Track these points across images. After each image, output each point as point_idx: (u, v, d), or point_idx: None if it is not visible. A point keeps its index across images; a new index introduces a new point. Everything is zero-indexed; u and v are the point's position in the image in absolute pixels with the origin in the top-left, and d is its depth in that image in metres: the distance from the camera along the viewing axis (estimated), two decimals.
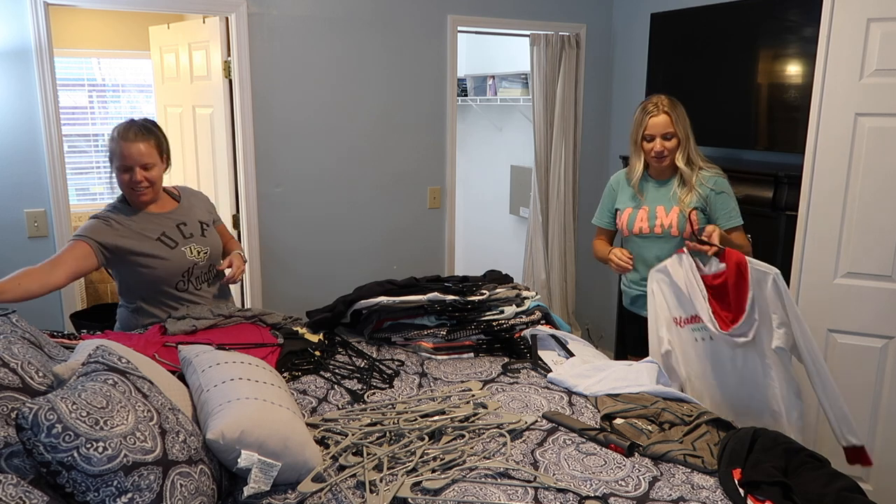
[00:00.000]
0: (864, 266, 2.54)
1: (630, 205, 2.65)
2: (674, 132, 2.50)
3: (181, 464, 1.42)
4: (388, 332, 2.54)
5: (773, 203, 2.93)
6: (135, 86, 5.68)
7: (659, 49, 3.74)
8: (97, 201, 5.82)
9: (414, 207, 3.95)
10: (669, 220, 2.54)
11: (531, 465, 1.70)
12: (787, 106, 3.12)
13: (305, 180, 3.64)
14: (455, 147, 3.98)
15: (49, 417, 1.30)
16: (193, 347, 2.00)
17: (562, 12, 4.13)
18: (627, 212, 2.64)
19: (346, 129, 3.69)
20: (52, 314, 3.19)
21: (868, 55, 2.43)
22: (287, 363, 2.26)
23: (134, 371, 1.57)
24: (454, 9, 3.81)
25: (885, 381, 2.55)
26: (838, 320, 2.61)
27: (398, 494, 1.53)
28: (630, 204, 2.65)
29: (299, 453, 1.60)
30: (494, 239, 5.42)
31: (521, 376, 2.25)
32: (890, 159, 2.44)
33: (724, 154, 3.70)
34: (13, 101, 3.00)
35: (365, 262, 3.83)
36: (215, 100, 3.53)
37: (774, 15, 3.12)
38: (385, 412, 1.92)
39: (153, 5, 3.32)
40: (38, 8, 2.95)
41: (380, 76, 3.71)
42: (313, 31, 3.52)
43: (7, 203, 3.06)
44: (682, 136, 2.52)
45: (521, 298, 2.60)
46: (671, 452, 1.71)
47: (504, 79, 4.86)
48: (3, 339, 1.68)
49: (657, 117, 2.50)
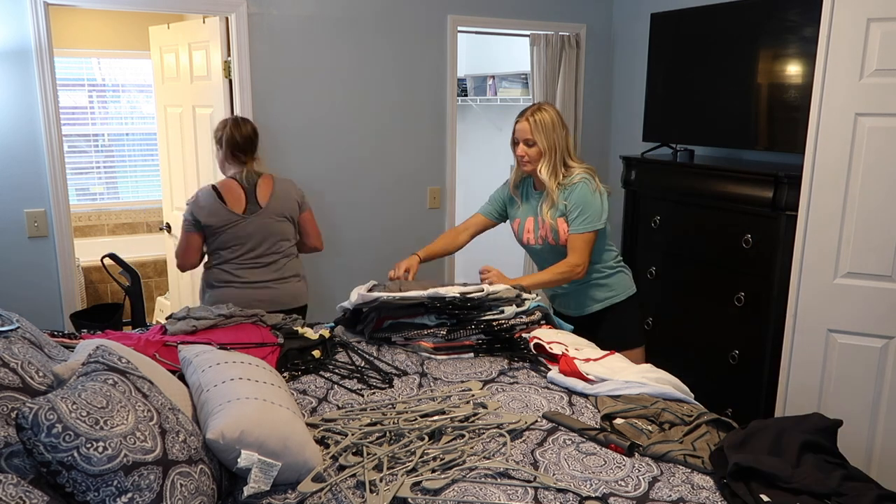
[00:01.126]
0: (864, 266, 2.54)
1: (518, 215, 2.75)
2: (533, 140, 2.53)
3: (181, 463, 1.42)
4: (388, 331, 2.54)
5: (773, 203, 2.93)
6: (135, 86, 5.69)
7: (659, 49, 3.74)
8: (97, 201, 5.83)
9: (414, 207, 3.95)
10: (544, 232, 2.64)
11: (531, 465, 1.70)
12: (787, 106, 3.12)
13: (305, 180, 3.63)
14: (455, 147, 3.98)
15: (49, 417, 1.30)
16: (193, 347, 2.00)
17: (562, 12, 4.13)
18: (517, 221, 2.75)
19: (346, 128, 3.69)
20: (52, 314, 3.19)
21: (868, 55, 2.42)
22: (287, 363, 2.26)
23: (134, 371, 1.57)
24: (454, 9, 3.81)
25: (885, 381, 2.55)
26: (838, 320, 2.61)
27: (398, 494, 1.53)
28: (518, 214, 2.75)
29: (299, 453, 1.60)
30: (494, 239, 5.41)
31: (521, 376, 2.25)
32: (890, 159, 2.44)
33: (724, 154, 3.70)
34: (13, 101, 3.00)
35: (365, 262, 3.83)
36: (215, 100, 3.53)
37: (774, 15, 3.12)
38: (385, 412, 1.92)
39: (153, 5, 3.32)
40: (38, 8, 2.95)
41: (380, 76, 3.71)
42: (313, 31, 3.53)
43: (7, 203, 3.06)
44: (543, 145, 2.52)
45: (521, 298, 2.60)
46: (671, 452, 1.71)
47: (504, 79, 4.86)
48: (4, 338, 1.68)
49: (520, 122, 2.57)
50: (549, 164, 2.55)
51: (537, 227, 2.66)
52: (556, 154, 2.54)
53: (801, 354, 2.69)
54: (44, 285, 3.17)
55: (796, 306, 2.68)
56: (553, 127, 2.53)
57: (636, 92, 4.10)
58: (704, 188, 3.31)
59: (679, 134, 3.70)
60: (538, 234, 2.66)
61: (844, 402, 2.63)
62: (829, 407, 2.66)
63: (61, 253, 3.17)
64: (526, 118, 2.55)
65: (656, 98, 3.78)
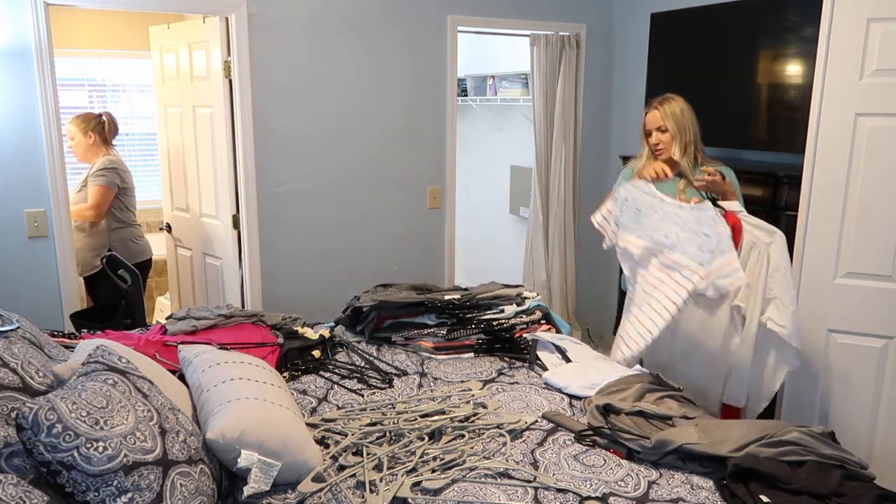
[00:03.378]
0: (864, 266, 2.54)
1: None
2: (665, 126, 2.59)
3: (181, 463, 1.42)
4: (388, 331, 2.54)
5: (773, 203, 2.93)
6: (135, 86, 5.68)
7: (659, 49, 3.74)
8: None
9: (414, 207, 3.95)
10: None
11: (531, 465, 1.70)
12: (787, 106, 3.12)
13: (305, 180, 3.64)
14: (455, 147, 3.98)
15: (49, 417, 1.30)
16: (193, 347, 2.00)
17: (562, 12, 4.12)
18: None
19: (346, 128, 3.69)
20: (52, 314, 3.19)
21: (868, 55, 2.42)
22: (287, 363, 2.26)
23: (134, 371, 1.57)
24: (454, 9, 3.81)
25: (885, 381, 2.55)
26: (838, 320, 2.61)
27: (398, 494, 1.53)
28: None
29: (299, 453, 1.60)
30: (495, 239, 5.42)
31: (521, 376, 2.25)
32: (890, 159, 2.44)
33: (724, 154, 3.70)
34: (13, 101, 3.00)
35: (365, 262, 3.83)
36: (215, 100, 3.53)
37: (774, 15, 3.12)
38: (385, 412, 1.92)
39: (153, 5, 3.32)
40: (38, 8, 2.95)
41: (380, 76, 3.71)
42: (313, 32, 3.52)
43: (7, 203, 3.06)
44: (674, 130, 2.60)
45: (521, 298, 2.61)
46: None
47: (504, 79, 4.86)
48: (4, 338, 1.68)
49: (650, 113, 2.66)
50: (681, 146, 2.60)
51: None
52: (687, 136, 2.61)
53: (802, 354, 2.69)
54: (44, 285, 3.17)
55: (796, 306, 2.68)
56: (686, 113, 2.62)
57: (636, 92, 4.09)
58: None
59: None
60: None
61: (844, 402, 2.63)
62: (830, 407, 2.66)
63: (61, 253, 3.17)
64: (654, 107, 2.65)
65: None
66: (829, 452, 1.66)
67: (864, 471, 1.65)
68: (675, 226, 2.30)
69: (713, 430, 1.77)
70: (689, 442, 1.70)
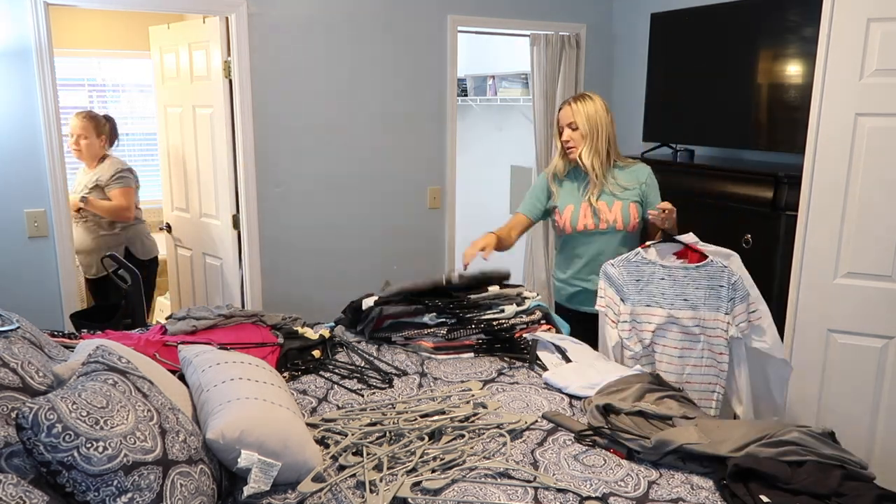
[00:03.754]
0: (864, 266, 2.54)
1: (570, 202, 2.69)
2: (576, 124, 2.58)
3: (181, 463, 1.42)
4: (388, 331, 2.54)
5: (773, 203, 2.93)
6: (135, 86, 5.69)
7: (659, 49, 3.74)
8: None
9: (414, 207, 3.95)
10: (613, 216, 2.62)
11: (531, 465, 1.70)
12: (787, 106, 3.12)
13: (305, 180, 3.64)
14: (455, 147, 3.98)
15: (49, 417, 1.30)
16: (193, 347, 2.00)
17: (562, 12, 4.13)
18: (569, 209, 2.68)
19: (346, 128, 3.69)
20: (52, 314, 3.19)
21: (868, 55, 2.42)
22: (287, 363, 2.26)
23: (134, 371, 1.57)
24: (454, 9, 3.81)
25: (885, 381, 2.55)
26: (838, 320, 2.61)
27: (398, 494, 1.53)
28: (570, 201, 2.69)
29: (299, 453, 1.60)
30: None
31: (521, 376, 2.25)
32: (890, 159, 2.44)
33: (724, 154, 3.70)
34: (13, 101, 3.00)
35: (365, 262, 3.83)
36: (215, 100, 3.53)
37: (774, 15, 3.12)
38: (385, 412, 1.92)
39: (153, 5, 3.32)
40: (38, 8, 2.95)
41: (380, 76, 3.71)
42: (313, 31, 3.53)
43: (7, 203, 3.06)
44: (584, 129, 2.58)
45: (521, 298, 2.60)
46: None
47: (504, 79, 4.85)
48: (4, 338, 1.68)
49: (563, 109, 2.64)
50: (590, 147, 2.59)
51: (596, 212, 2.63)
52: (598, 137, 2.59)
53: (801, 354, 2.69)
54: (44, 285, 3.17)
55: (796, 306, 2.68)
56: (601, 111, 2.60)
57: (636, 92, 4.09)
58: (704, 188, 3.31)
59: (679, 134, 3.70)
60: (600, 219, 2.63)
61: (844, 401, 2.63)
62: (830, 407, 2.66)
63: (61, 253, 3.17)
64: (567, 104, 2.62)
65: (656, 98, 3.78)
66: (829, 452, 1.66)
67: (864, 471, 1.65)
68: (691, 286, 2.34)
69: (713, 430, 1.77)
70: (689, 442, 1.69)
